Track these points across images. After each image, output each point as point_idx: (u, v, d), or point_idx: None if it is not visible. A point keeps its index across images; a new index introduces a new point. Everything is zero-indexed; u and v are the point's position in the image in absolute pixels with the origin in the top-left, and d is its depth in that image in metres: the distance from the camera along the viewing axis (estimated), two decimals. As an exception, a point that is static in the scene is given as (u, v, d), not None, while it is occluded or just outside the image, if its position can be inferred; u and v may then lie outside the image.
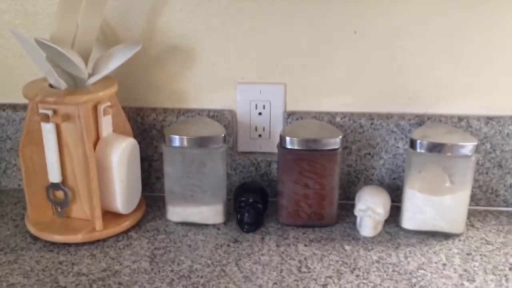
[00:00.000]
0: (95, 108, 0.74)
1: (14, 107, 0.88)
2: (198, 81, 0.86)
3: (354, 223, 0.80)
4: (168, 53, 0.85)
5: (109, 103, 0.76)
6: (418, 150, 0.75)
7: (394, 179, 0.86)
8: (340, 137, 0.77)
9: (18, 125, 0.88)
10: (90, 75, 0.76)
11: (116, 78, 0.79)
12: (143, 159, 0.88)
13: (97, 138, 0.76)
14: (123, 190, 0.77)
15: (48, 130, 0.73)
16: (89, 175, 0.73)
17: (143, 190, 0.85)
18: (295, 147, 0.77)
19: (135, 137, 0.82)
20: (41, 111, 0.73)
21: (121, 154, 0.75)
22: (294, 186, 0.78)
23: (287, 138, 0.77)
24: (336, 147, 0.77)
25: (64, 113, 0.72)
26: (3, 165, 0.91)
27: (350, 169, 0.86)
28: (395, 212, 0.80)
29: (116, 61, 0.76)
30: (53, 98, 0.71)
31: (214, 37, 0.83)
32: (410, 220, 0.78)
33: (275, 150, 0.83)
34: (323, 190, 0.78)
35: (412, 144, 0.75)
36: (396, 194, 0.84)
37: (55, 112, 0.72)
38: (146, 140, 0.88)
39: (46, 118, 0.72)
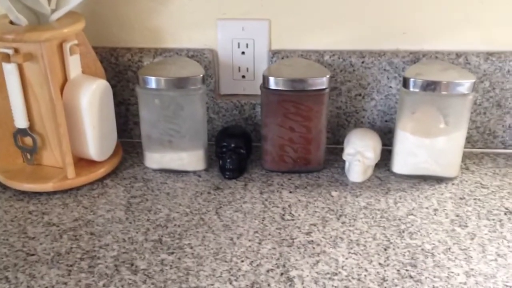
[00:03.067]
0: (60, 46, 0.68)
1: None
2: (175, 17, 0.79)
3: (343, 168, 0.76)
4: (141, -14, 0.78)
5: (76, 41, 0.70)
6: (411, 89, 0.69)
7: (386, 121, 0.81)
8: (328, 76, 0.71)
9: (-16, 68, 0.82)
10: (54, 11, 0.69)
11: (83, 14, 0.72)
12: (119, 103, 0.83)
13: (65, 80, 0.70)
14: (95, 136, 0.72)
15: (9, 71, 0.67)
16: (56, 119, 0.68)
17: (121, 136, 0.80)
18: (279, 88, 0.71)
19: (109, 79, 0.77)
20: (0, 50, 0.67)
21: (91, 96, 0.70)
22: (278, 130, 0.73)
23: (271, 78, 0.71)
24: (323, 87, 0.71)
25: (26, 52, 0.66)
26: (-28, 111, 0.85)
27: (340, 111, 0.81)
28: (387, 156, 0.76)
29: (82, -6, 0.69)
30: (11, 35, 0.65)
31: (190, -32, 0.76)
32: (401, 164, 0.74)
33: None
34: (310, 134, 0.73)
35: (405, 82, 0.70)
36: (388, 137, 0.79)
37: (16, 51, 0.66)
38: (121, 83, 0.82)
39: (7, 58, 0.66)
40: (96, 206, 0.68)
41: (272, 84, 0.71)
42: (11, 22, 0.69)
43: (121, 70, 0.81)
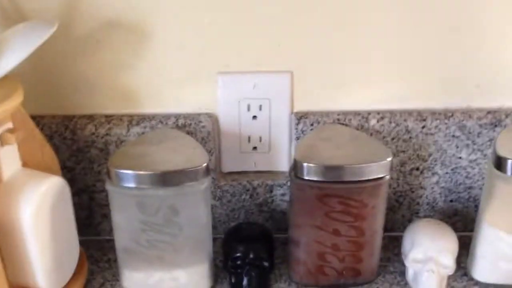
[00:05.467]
0: (-15, 135, 0.44)
1: None
2: (157, 72, 0.56)
3: (401, 273, 0.55)
4: (106, 32, 0.54)
5: (10, 125, 0.45)
6: (510, 174, 0.49)
7: (451, 201, 0.60)
8: (389, 159, 0.49)
9: None
10: (-28, 78, 0.45)
11: (20, 77, 0.47)
12: (80, 191, 0.59)
13: (-4, 182, 0.46)
14: (46, 260, 0.48)
15: None
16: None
17: (85, 233, 0.58)
18: (318, 178, 0.49)
19: (64, 163, 0.53)
20: None
21: (39, 206, 0.46)
22: (317, 234, 0.51)
23: (305, 165, 0.49)
24: (382, 175, 0.49)
25: None
26: None
27: (389, 190, 0.60)
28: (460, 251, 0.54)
29: (18, 51, 0.45)
30: None
31: (181, 4, 0.53)
32: (488, 270, 0.53)
33: (278, 168, 0.59)
34: (362, 237, 0.52)
35: (500, 164, 0.49)
36: (453, 222, 0.60)
37: None
38: (82, 165, 0.58)
39: None
40: None
41: (308, 172, 0.49)
42: None
43: (81, 148, 0.57)
